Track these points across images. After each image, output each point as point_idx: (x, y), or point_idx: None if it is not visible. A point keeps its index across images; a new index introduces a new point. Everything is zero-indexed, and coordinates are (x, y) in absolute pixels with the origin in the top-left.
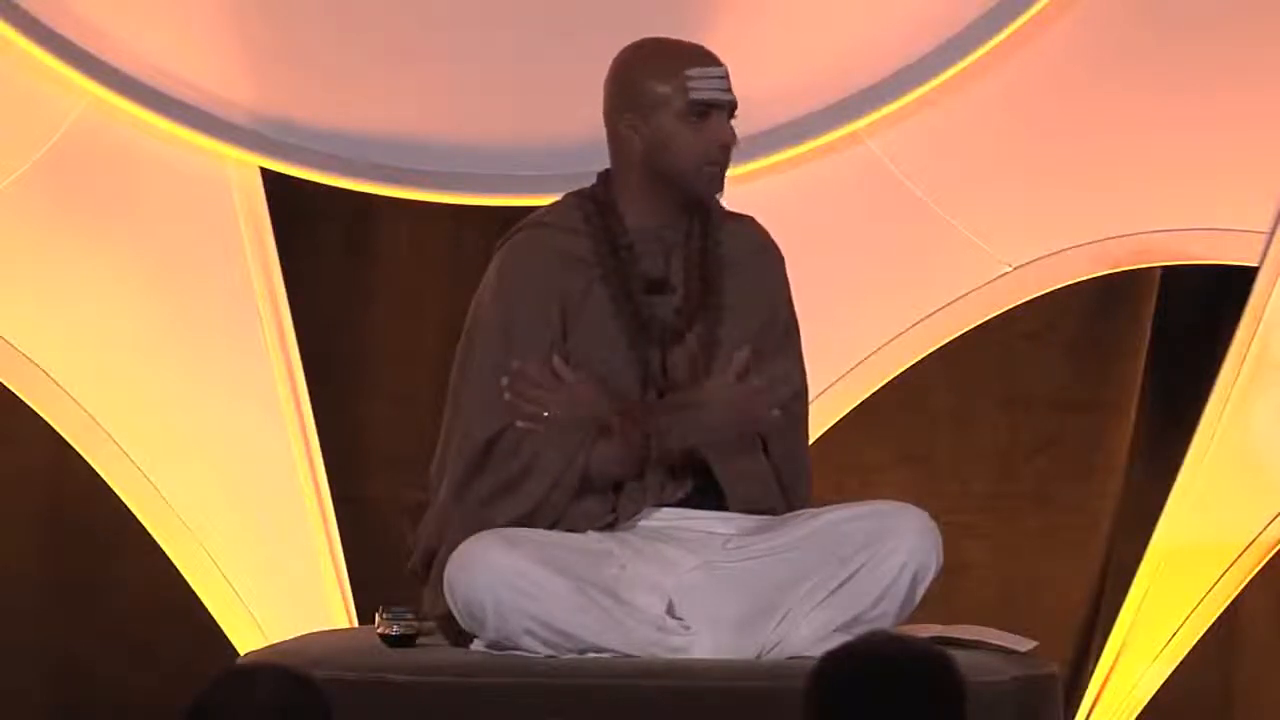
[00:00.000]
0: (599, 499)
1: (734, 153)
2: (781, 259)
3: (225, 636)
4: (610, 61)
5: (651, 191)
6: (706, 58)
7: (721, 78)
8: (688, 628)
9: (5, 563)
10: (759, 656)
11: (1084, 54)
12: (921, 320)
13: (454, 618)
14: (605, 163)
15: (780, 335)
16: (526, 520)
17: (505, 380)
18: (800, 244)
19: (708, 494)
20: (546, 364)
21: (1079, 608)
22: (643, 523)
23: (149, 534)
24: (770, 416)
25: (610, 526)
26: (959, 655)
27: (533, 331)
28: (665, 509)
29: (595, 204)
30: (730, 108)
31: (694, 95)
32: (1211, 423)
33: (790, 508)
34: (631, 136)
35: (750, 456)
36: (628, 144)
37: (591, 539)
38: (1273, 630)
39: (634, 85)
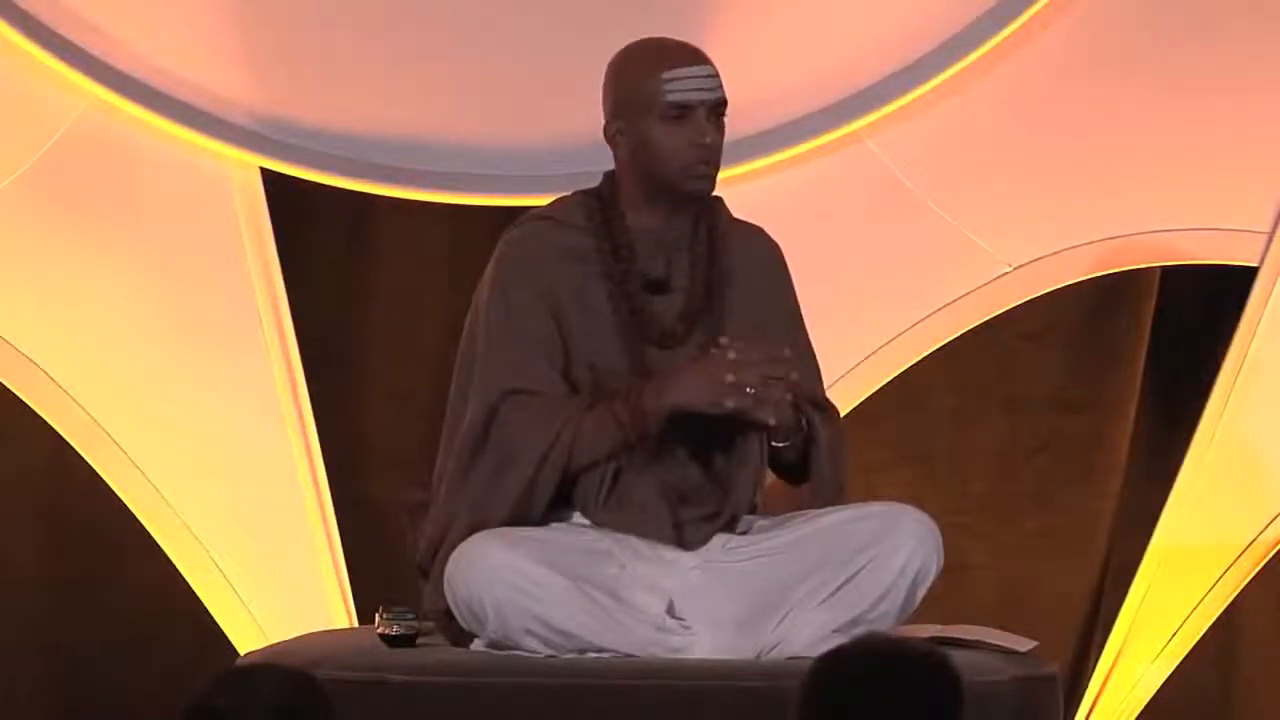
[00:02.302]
0: (660, 516)
1: (734, 152)
2: (788, 273)
3: (225, 636)
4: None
5: (647, 193)
6: (687, 57)
7: (701, 77)
8: (688, 628)
9: (5, 562)
10: (758, 657)
11: (1084, 54)
12: (921, 320)
13: (454, 615)
14: (607, 163)
15: (785, 344)
16: (524, 502)
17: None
18: (800, 244)
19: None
20: (550, 354)
21: (1079, 608)
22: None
23: (149, 534)
24: (741, 389)
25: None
26: (959, 655)
27: (533, 321)
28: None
29: (599, 202)
30: (712, 106)
31: (670, 97)
32: (1211, 423)
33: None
34: (620, 140)
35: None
36: (618, 147)
37: (590, 538)
38: (1272, 630)
39: (619, 89)
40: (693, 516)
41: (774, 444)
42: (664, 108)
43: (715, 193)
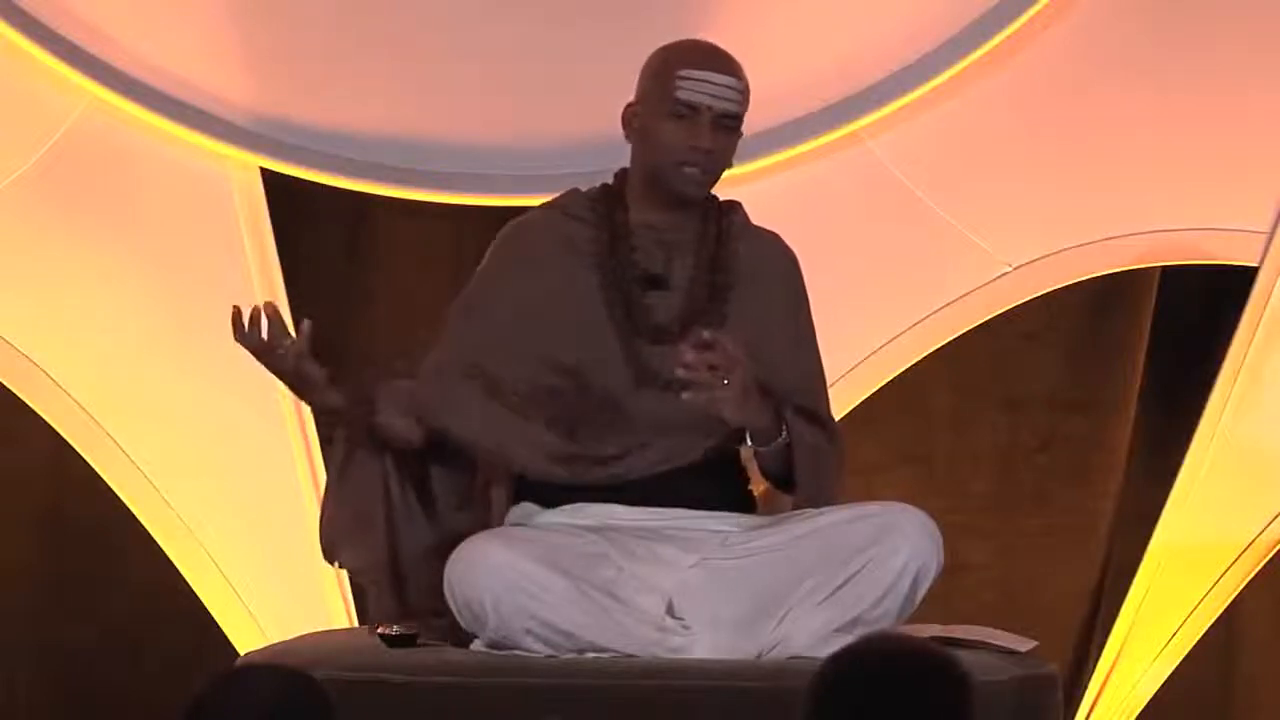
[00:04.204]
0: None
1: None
2: (801, 283)
3: (225, 636)
4: (609, 60)
5: (651, 188)
6: (712, 62)
7: (716, 83)
8: (687, 628)
9: (5, 561)
10: (759, 657)
11: (1084, 54)
12: (921, 320)
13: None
14: (607, 162)
15: (787, 355)
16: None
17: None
18: (800, 244)
19: (704, 493)
20: (483, 352)
21: (1079, 608)
22: (640, 522)
23: (149, 534)
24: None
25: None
26: (959, 655)
27: (497, 306)
28: (663, 509)
29: (604, 195)
30: (720, 114)
31: (678, 93)
32: (1211, 423)
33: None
34: (632, 126)
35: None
36: (631, 134)
37: (587, 540)
38: (1272, 630)
39: (644, 77)
40: (584, 454)
41: (755, 448)
42: (671, 102)
43: (732, 198)
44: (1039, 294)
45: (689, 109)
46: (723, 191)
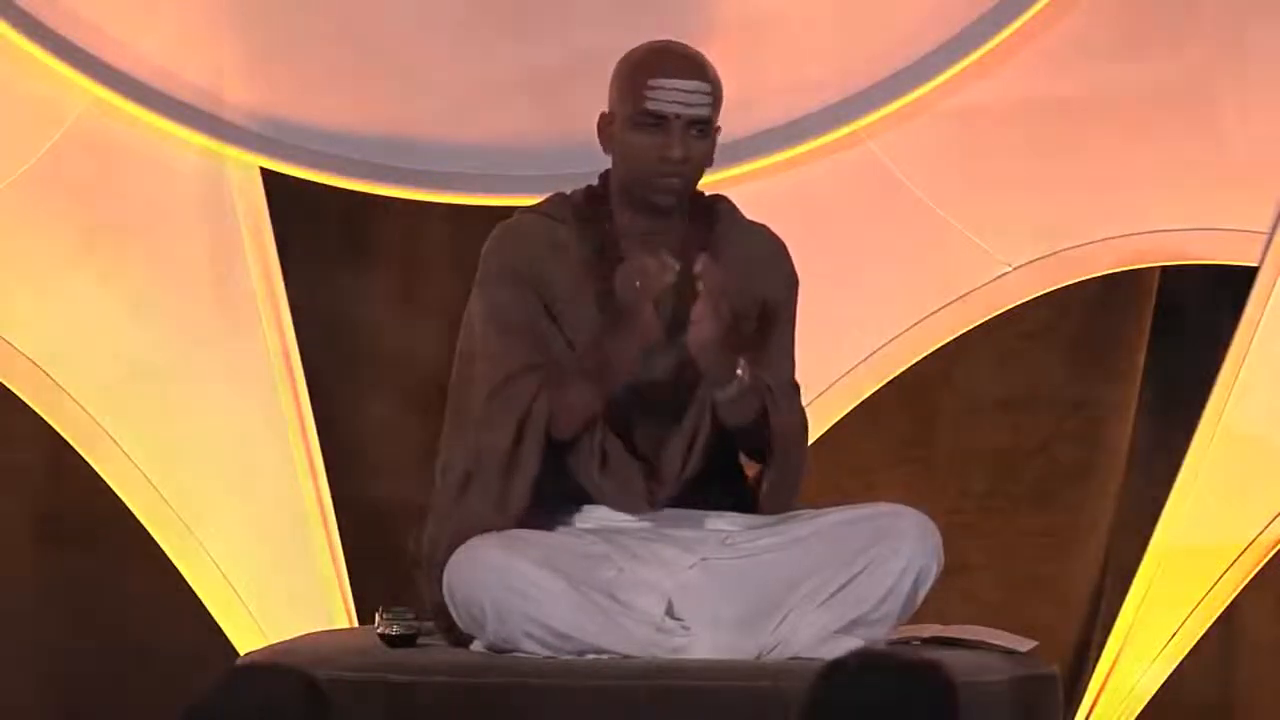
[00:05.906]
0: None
1: (735, 152)
2: (791, 273)
3: (225, 636)
4: (609, 61)
5: (631, 193)
6: (679, 67)
7: (684, 90)
8: (687, 628)
9: (4, 563)
10: (759, 657)
11: (1084, 54)
12: (921, 320)
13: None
14: (605, 163)
15: (768, 346)
16: (509, 473)
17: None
18: (800, 244)
19: (704, 493)
20: (536, 339)
21: (1079, 608)
22: (641, 523)
23: (149, 534)
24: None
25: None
26: (959, 655)
27: (516, 312)
28: (664, 509)
29: (588, 198)
30: (690, 121)
31: (646, 104)
32: (1211, 423)
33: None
34: (607, 136)
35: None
36: (606, 143)
37: (586, 542)
38: (1273, 630)
39: (614, 87)
40: (656, 486)
41: (716, 396)
42: (640, 114)
43: (721, 194)
44: (1039, 294)
45: (658, 119)
46: (724, 190)
